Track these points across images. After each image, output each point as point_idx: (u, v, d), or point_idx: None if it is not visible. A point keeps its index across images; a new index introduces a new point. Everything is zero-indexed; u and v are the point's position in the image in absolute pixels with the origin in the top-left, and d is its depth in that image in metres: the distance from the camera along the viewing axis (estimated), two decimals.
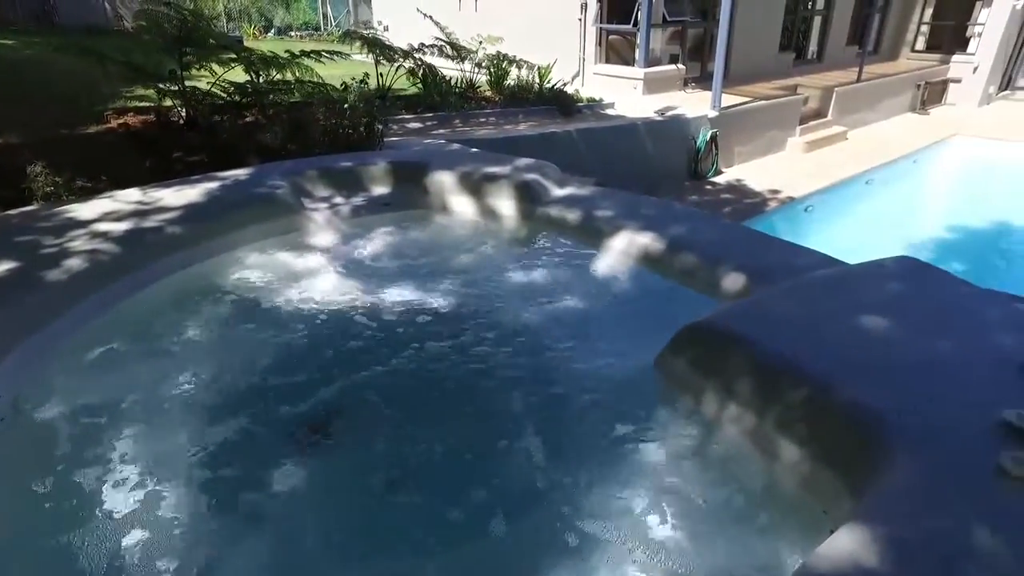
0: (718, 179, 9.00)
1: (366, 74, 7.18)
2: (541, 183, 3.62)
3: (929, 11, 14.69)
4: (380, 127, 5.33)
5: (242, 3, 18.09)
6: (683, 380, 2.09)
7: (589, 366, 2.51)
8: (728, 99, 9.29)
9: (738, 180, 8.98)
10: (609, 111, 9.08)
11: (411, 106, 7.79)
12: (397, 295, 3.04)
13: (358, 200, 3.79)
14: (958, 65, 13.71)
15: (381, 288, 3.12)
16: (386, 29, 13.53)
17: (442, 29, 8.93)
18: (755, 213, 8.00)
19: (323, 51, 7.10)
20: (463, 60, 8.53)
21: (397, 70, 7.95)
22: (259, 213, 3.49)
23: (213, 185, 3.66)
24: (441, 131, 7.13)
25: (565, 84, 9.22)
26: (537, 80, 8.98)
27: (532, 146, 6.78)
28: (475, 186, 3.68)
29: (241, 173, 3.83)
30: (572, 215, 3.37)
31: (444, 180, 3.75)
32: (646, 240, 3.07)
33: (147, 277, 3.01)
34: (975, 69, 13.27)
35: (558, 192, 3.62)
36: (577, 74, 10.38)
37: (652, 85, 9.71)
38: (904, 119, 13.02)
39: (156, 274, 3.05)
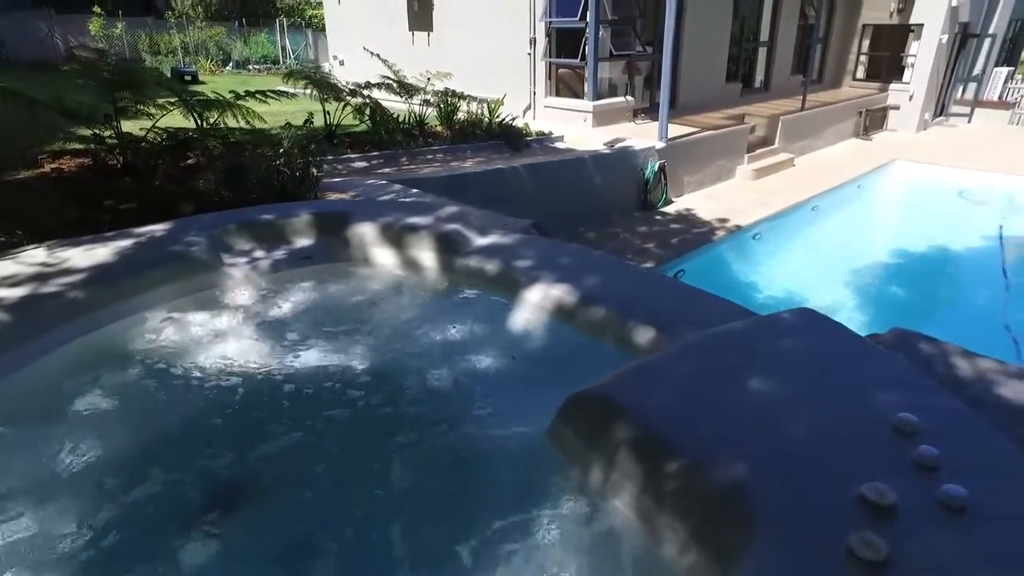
0: (668, 209, 9.14)
1: (311, 113, 7.17)
2: (462, 232, 3.62)
3: (866, 42, 15.40)
4: (316, 172, 5.29)
5: (199, 37, 18.01)
6: (572, 450, 2.07)
7: (494, 433, 2.48)
8: (677, 129, 9.51)
9: (687, 209, 9.14)
10: (558, 144, 9.20)
11: (358, 144, 7.78)
12: (310, 357, 2.98)
13: (279, 254, 3.73)
14: (896, 93, 14.36)
15: (295, 350, 3.05)
16: (342, 64, 13.59)
17: (390, 67, 9.00)
18: (704, 242, 8.13)
19: (268, 91, 7.08)
20: (411, 96, 8.60)
21: (344, 108, 7.96)
22: (173, 271, 3.40)
23: (127, 243, 3.56)
24: (387, 170, 7.11)
25: (515, 118, 9.33)
26: (487, 115, 9.07)
27: (478, 183, 6.80)
28: (396, 237, 3.66)
29: (158, 229, 3.74)
30: (491, 266, 3.37)
31: (365, 232, 3.72)
32: (560, 292, 3.07)
33: (45, 345, 2.89)
34: (911, 97, 13.92)
35: (480, 241, 3.62)
36: (528, 107, 10.54)
37: (601, 117, 9.90)
38: (848, 145, 13.51)
39: (56, 341, 2.92)
